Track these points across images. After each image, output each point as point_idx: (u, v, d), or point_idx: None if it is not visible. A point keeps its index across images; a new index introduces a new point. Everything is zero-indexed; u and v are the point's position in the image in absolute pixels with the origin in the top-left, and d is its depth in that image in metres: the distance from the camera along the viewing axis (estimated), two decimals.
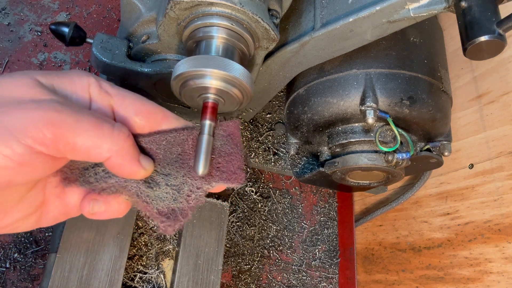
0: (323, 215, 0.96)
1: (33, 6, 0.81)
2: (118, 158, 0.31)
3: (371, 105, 0.58)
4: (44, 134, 0.26)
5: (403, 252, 0.82)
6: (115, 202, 0.35)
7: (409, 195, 0.80)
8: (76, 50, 0.82)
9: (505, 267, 0.63)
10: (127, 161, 0.32)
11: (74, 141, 0.28)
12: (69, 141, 0.28)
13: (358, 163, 0.62)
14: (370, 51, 0.60)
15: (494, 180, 0.66)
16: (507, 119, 0.65)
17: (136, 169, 0.33)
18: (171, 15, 0.44)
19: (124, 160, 0.32)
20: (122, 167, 0.32)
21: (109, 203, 0.34)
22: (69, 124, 0.27)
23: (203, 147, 0.36)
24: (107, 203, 0.34)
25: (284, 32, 0.57)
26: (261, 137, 0.84)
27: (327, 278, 0.91)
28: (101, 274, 0.55)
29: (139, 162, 0.33)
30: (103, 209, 0.34)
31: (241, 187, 0.88)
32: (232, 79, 0.39)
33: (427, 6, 0.45)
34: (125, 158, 0.32)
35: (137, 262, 0.62)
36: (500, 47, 0.40)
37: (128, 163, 0.32)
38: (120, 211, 0.35)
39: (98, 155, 0.30)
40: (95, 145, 0.29)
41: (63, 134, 0.27)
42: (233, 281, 0.81)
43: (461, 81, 0.75)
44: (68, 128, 0.27)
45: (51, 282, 0.52)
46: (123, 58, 0.52)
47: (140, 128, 0.35)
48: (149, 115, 0.34)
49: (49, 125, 0.27)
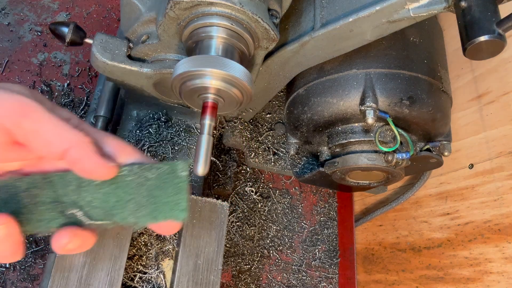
0: (323, 215, 0.96)
1: (33, 6, 0.81)
2: (78, 150, 0.31)
3: (371, 105, 0.58)
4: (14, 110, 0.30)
5: (403, 252, 0.82)
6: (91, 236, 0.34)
7: (409, 195, 0.80)
8: (76, 50, 0.82)
9: (505, 267, 0.63)
10: (88, 154, 0.32)
11: (39, 125, 0.31)
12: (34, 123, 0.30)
13: (358, 163, 0.62)
14: (370, 51, 0.60)
15: (494, 180, 0.66)
16: (507, 119, 0.65)
17: (98, 161, 0.32)
18: (171, 15, 0.44)
19: (85, 153, 0.32)
20: (84, 157, 0.32)
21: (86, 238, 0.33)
22: (39, 111, 0.31)
23: (203, 147, 0.36)
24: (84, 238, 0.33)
25: (284, 32, 0.57)
26: (261, 137, 0.84)
27: (327, 278, 0.91)
28: (101, 274, 0.55)
29: (101, 158, 0.33)
30: (78, 245, 0.33)
31: (240, 187, 0.88)
32: (232, 79, 0.39)
33: (427, 6, 0.45)
34: (86, 150, 0.32)
35: (137, 262, 0.62)
36: (500, 47, 0.40)
37: (89, 156, 0.32)
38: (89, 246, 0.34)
39: (59, 143, 0.31)
40: (58, 133, 0.31)
41: (31, 116, 0.30)
42: (233, 281, 0.81)
43: (461, 81, 0.75)
44: (38, 114, 0.31)
45: (51, 282, 0.52)
46: (123, 58, 0.52)
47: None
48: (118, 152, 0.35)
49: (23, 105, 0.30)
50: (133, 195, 0.35)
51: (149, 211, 0.35)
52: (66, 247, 0.32)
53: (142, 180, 0.35)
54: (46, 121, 0.31)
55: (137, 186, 0.35)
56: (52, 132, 0.31)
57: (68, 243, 0.32)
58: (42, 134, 0.31)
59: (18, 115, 0.30)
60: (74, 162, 0.32)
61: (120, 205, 0.35)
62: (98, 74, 0.81)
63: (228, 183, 0.84)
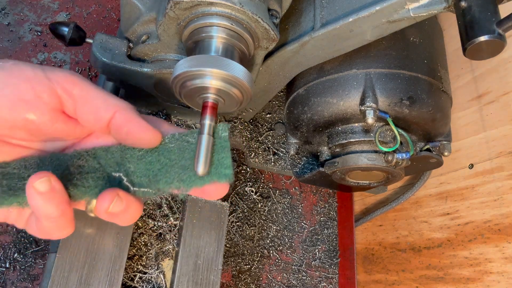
0: (323, 215, 0.96)
1: (33, 6, 0.81)
2: (125, 114, 0.33)
3: (371, 105, 0.58)
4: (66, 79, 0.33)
5: (403, 252, 0.82)
6: (136, 203, 0.34)
7: (409, 195, 0.80)
8: (76, 50, 0.82)
9: (505, 267, 0.63)
10: (134, 117, 0.33)
11: (88, 91, 0.33)
12: (83, 89, 0.33)
13: (358, 163, 0.62)
14: (370, 51, 0.60)
15: (494, 180, 0.66)
16: (507, 119, 0.65)
17: (144, 125, 0.34)
18: (171, 15, 0.44)
19: (131, 116, 0.33)
20: (130, 120, 0.33)
21: (130, 202, 0.33)
22: (84, 80, 0.34)
23: (203, 147, 0.36)
24: (128, 202, 0.33)
25: (284, 32, 0.57)
26: (261, 137, 0.84)
27: (327, 278, 0.91)
28: (101, 274, 0.55)
29: (146, 122, 0.34)
30: (123, 208, 0.33)
31: (240, 187, 0.88)
32: (232, 79, 0.39)
33: (427, 6, 0.45)
34: (132, 115, 0.33)
35: (137, 262, 0.62)
36: (500, 47, 0.40)
37: (135, 120, 0.33)
38: (135, 214, 0.34)
39: (106, 107, 0.33)
40: (105, 99, 0.33)
41: (79, 84, 0.33)
42: (233, 281, 0.81)
43: (461, 81, 0.75)
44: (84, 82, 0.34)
45: (50, 282, 0.52)
46: (123, 58, 0.52)
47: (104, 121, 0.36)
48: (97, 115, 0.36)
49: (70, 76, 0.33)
50: (176, 160, 0.36)
51: (193, 173, 0.35)
52: (109, 209, 0.32)
53: (184, 145, 0.37)
54: (93, 90, 0.33)
55: (180, 151, 0.36)
56: (99, 99, 0.33)
57: (110, 204, 0.32)
58: (90, 100, 0.33)
59: (70, 82, 0.33)
60: (120, 126, 0.34)
61: (165, 170, 0.36)
62: (98, 74, 0.81)
63: None
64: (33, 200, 0.30)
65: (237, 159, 0.88)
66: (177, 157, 0.36)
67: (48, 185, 0.30)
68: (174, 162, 0.36)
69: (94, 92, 0.34)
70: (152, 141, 0.35)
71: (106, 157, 0.36)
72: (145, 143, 0.35)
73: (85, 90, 0.33)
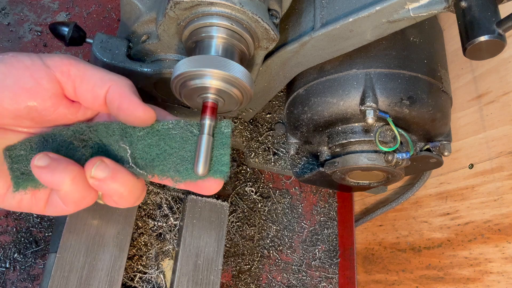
0: (323, 215, 0.96)
1: (33, 6, 0.81)
2: (118, 88, 0.34)
3: (371, 105, 0.58)
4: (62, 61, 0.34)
5: (403, 252, 0.82)
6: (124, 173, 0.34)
7: (409, 195, 0.80)
8: (76, 50, 0.82)
9: (505, 267, 0.63)
10: (126, 92, 0.34)
11: (84, 70, 0.34)
12: (80, 69, 0.34)
13: (358, 163, 0.62)
14: (370, 51, 0.60)
15: (494, 180, 0.66)
16: (507, 119, 0.65)
17: (136, 102, 0.34)
18: (171, 15, 0.44)
19: (123, 90, 0.34)
20: (122, 96, 0.34)
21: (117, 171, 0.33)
22: (80, 61, 0.35)
23: (203, 147, 0.36)
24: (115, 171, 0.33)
25: (284, 32, 0.57)
26: (261, 137, 0.84)
27: (327, 278, 0.91)
28: (101, 274, 0.55)
29: (139, 99, 0.34)
30: (107, 174, 0.32)
31: (240, 187, 0.88)
32: (232, 79, 0.39)
33: (427, 6, 0.45)
34: (124, 89, 0.34)
35: (137, 262, 0.62)
36: (500, 47, 0.40)
37: (127, 95, 0.34)
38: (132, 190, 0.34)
39: (102, 83, 0.34)
40: (101, 76, 0.34)
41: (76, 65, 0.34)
42: (233, 281, 0.81)
43: (461, 81, 0.75)
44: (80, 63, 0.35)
45: (51, 282, 0.52)
46: (123, 58, 0.52)
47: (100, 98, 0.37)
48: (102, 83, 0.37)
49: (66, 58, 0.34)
50: (176, 149, 0.36)
51: (191, 165, 0.35)
52: (92, 174, 0.32)
53: (188, 134, 0.36)
54: (90, 68, 0.35)
55: (182, 140, 0.36)
56: (95, 76, 0.34)
57: (92, 168, 0.32)
58: (87, 78, 0.34)
59: (66, 64, 0.34)
60: (112, 101, 0.34)
61: (163, 157, 0.36)
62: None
63: (228, 183, 0.84)
64: (42, 176, 0.31)
65: (237, 159, 0.88)
66: (178, 146, 0.36)
67: (46, 158, 0.31)
68: (174, 151, 0.36)
69: (90, 71, 0.35)
70: (143, 119, 0.35)
71: (106, 134, 0.36)
72: (136, 120, 0.34)
73: (81, 69, 0.34)
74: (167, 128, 0.36)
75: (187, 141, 0.36)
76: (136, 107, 0.34)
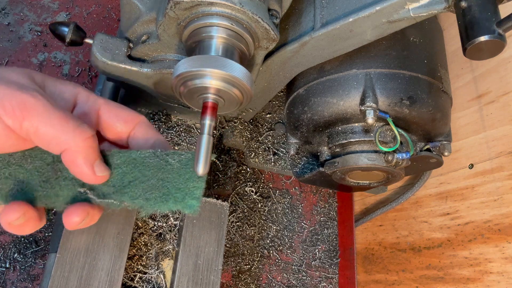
0: (323, 215, 0.96)
1: (33, 6, 0.81)
2: (73, 154, 0.32)
3: (371, 105, 0.58)
4: (14, 110, 0.30)
5: (403, 252, 0.82)
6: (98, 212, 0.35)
7: (409, 195, 0.80)
8: (76, 50, 0.82)
9: (505, 267, 0.63)
10: (81, 159, 0.33)
11: (38, 126, 0.31)
12: (33, 124, 0.31)
13: (358, 163, 0.62)
14: (370, 51, 0.60)
15: (494, 180, 0.66)
16: (507, 119, 0.65)
17: (86, 171, 0.33)
18: (171, 15, 0.44)
19: (78, 158, 0.33)
20: (74, 164, 0.33)
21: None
22: (39, 111, 0.31)
23: (203, 147, 0.36)
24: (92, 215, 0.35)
25: (284, 32, 0.57)
26: (261, 137, 0.84)
27: (327, 278, 0.91)
28: (101, 274, 0.55)
29: (91, 166, 0.33)
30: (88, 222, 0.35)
31: (240, 187, 0.88)
32: (232, 79, 0.39)
33: (427, 6, 0.45)
34: (80, 155, 0.33)
35: (137, 262, 0.62)
36: (500, 47, 0.40)
37: (81, 162, 0.33)
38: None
39: (56, 145, 0.32)
40: (55, 135, 0.31)
41: (30, 116, 0.30)
42: (233, 281, 0.81)
43: (461, 81, 0.75)
44: (37, 113, 0.31)
45: (51, 282, 0.52)
46: (123, 58, 0.52)
47: (119, 133, 0.37)
48: (126, 120, 0.37)
49: (22, 104, 0.30)
50: (148, 177, 0.36)
51: (161, 194, 0.35)
52: (77, 225, 0.34)
53: (162, 164, 0.36)
54: (45, 121, 0.31)
55: (155, 169, 0.36)
56: (49, 135, 0.31)
57: (79, 222, 0.34)
58: (41, 135, 0.31)
59: (19, 115, 0.30)
60: (67, 161, 0.33)
61: (134, 185, 0.36)
62: (98, 74, 0.81)
63: (228, 183, 0.84)
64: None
65: (237, 159, 0.88)
66: (151, 174, 0.36)
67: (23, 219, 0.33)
68: (146, 179, 0.36)
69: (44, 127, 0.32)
70: (94, 181, 0.35)
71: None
72: (88, 181, 0.35)
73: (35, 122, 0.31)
74: (143, 157, 0.36)
75: (160, 169, 0.36)
76: (87, 176, 0.33)
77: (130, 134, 0.38)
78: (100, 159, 0.34)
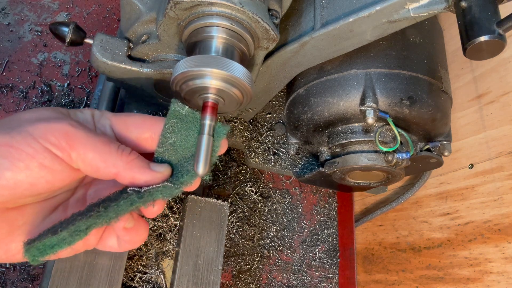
0: (323, 215, 0.96)
1: (33, 6, 0.81)
2: (128, 171, 0.34)
3: (371, 105, 0.58)
4: (60, 141, 0.31)
5: (403, 252, 0.82)
6: None
7: (409, 195, 0.80)
8: (76, 50, 0.82)
9: (505, 267, 0.63)
10: (137, 172, 0.34)
11: (85, 154, 0.32)
12: (80, 153, 0.32)
13: (358, 163, 0.62)
14: (370, 51, 0.60)
15: (494, 180, 0.66)
16: (507, 119, 0.65)
17: (149, 176, 0.34)
18: (171, 15, 0.44)
19: (134, 172, 0.34)
20: (135, 178, 0.34)
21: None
22: (82, 139, 0.32)
23: (203, 147, 0.36)
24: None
25: (284, 32, 0.57)
26: (261, 137, 0.84)
27: (327, 278, 0.91)
28: (101, 274, 0.55)
29: (150, 169, 0.35)
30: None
31: (240, 187, 0.88)
32: (232, 79, 0.39)
33: (427, 6, 0.45)
34: (134, 170, 0.34)
35: (137, 262, 0.62)
36: (500, 47, 0.40)
37: (139, 173, 0.34)
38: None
39: (106, 169, 0.33)
40: (102, 159, 0.32)
41: (76, 145, 0.32)
42: (233, 281, 0.81)
43: (461, 81, 0.75)
44: (81, 142, 0.32)
45: (51, 282, 0.52)
46: (123, 58, 0.52)
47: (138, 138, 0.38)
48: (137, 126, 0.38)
49: (65, 135, 0.31)
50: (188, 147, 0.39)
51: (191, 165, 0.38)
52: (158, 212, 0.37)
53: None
54: (91, 148, 0.32)
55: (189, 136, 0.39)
56: (97, 160, 0.32)
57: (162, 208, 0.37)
58: (88, 162, 0.32)
59: (65, 146, 0.31)
60: (125, 180, 0.34)
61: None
62: (98, 74, 0.81)
63: (228, 183, 0.84)
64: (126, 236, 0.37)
65: (237, 159, 0.88)
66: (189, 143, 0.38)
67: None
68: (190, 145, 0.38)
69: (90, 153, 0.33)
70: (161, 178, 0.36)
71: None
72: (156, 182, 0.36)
73: (82, 151, 0.32)
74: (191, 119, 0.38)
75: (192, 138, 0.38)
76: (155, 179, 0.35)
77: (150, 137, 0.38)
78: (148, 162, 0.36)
